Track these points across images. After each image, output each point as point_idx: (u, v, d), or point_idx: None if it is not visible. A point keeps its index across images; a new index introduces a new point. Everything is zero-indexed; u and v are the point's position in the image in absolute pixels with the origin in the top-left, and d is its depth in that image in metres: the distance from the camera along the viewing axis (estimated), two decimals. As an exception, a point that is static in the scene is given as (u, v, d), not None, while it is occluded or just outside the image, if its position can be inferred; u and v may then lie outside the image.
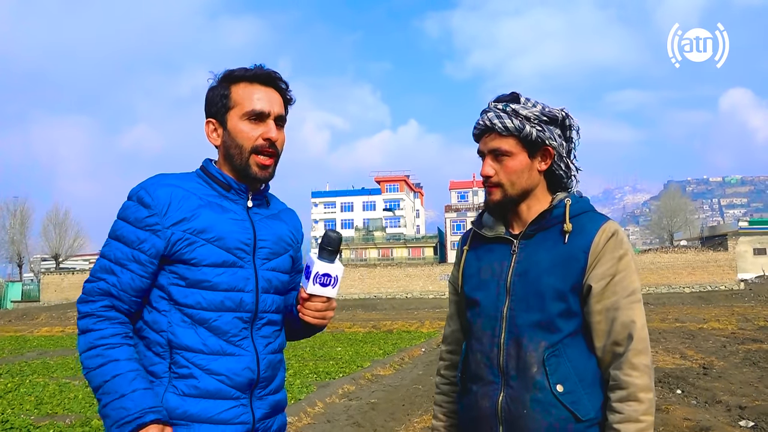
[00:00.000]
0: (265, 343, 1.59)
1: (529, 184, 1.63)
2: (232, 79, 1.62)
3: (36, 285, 49.94)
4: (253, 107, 1.59)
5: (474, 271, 1.70)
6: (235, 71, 1.62)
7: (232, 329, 1.53)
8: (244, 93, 1.60)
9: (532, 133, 1.58)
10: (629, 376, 1.49)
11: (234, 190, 1.62)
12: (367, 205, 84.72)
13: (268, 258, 1.62)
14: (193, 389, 1.48)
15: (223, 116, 1.61)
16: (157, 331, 1.51)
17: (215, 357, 1.51)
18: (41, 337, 19.08)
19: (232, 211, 1.60)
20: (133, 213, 1.52)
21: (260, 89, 1.61)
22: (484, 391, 1.61)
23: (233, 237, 1.56)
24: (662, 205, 66.44)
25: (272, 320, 1.62)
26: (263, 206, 1.69)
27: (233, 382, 1.51)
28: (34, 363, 11.96)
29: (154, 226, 1.50)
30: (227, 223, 1.56)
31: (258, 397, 1.57)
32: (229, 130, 1.60)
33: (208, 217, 1.54)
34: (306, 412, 6.56)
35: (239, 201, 1.63)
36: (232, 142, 1.60)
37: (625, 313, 1.53)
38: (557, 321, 1.55)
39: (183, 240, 1.51)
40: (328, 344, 14.04)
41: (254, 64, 1.63)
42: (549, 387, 1.52)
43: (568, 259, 1.56)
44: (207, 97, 1.64)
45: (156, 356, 1.51)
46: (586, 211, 1.63)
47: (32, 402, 7.44)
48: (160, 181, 1.57)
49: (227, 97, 1.60)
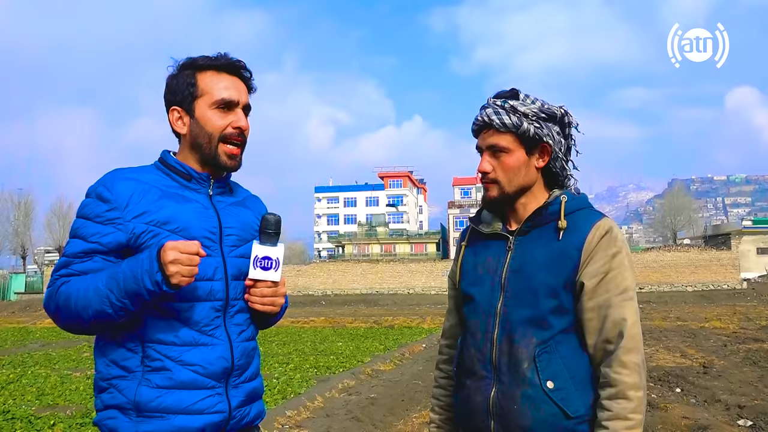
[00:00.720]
0: (238, 331, 1.59)
1: (526, 181, 1.64)
2: (197, 67, 1.61)
3: (39, 277, 50.10)
4: (222, 96, 1.59)
5: (471, 267, 1.71)
6: (199, 59, 1.61)
7: (203, 319, 1.53)
8: (212, 82, 1.60)
9: (529, 130, 1.58)
10: (619, 374, 1.50)
11: (195, 179, 1.61)
12: (371, 200, 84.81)
13: (236, 245, 1.61)
14: (167, 380, 1.48)
15: (190, 104, 1.60)
16: (128, 326, 1.50)
17: (188, 348, 1.50)
18: (44, 328, 19.15)
19: (194, 201, 1.59)
20: (92, 209, 1.52)
21: (227, 78, 1.62)
22: (477, 386, 1.62)
23: (198, 226, 1.55)
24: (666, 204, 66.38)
25: (244, 308, 1.62)
26: (226, 194, 1.68)
27: (207, 371, 1.51)
28: (36, 354, 12.03)
29: (115, 220, 1.50)
30: (190, 212, 1.56)
31: (233, 386, 1.57)
32: (197, 119, 1.60)
33: (171, 208, 1.54)
34: (305, 407, 6.59)
35: (201, 190, 1.62)
36: (200, 131, 1.60)
37: (616, 310, 1.53)
38: (549, 318, 1.55)
39: (147, 232, 1.50)
40: (329, 339, 14.07)
41: (217, 53, 1.62)
42: (539, 383, 1.52)
43: (561, 256, 1.57)
44: (170, 84, 1.63)
45: (128, 351, 1.50)
46: (581, 209, 1.63)
47: (34, 393, 7.49)
48: (118, 175, 1.56)
49: (194, 85, 1.60)
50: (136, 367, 1.49)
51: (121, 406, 1.48)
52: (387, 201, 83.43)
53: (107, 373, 1.52)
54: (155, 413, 1.47)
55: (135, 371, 1.49)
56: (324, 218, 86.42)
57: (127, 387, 1.49)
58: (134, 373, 1.49)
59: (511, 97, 1.62)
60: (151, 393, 1.47)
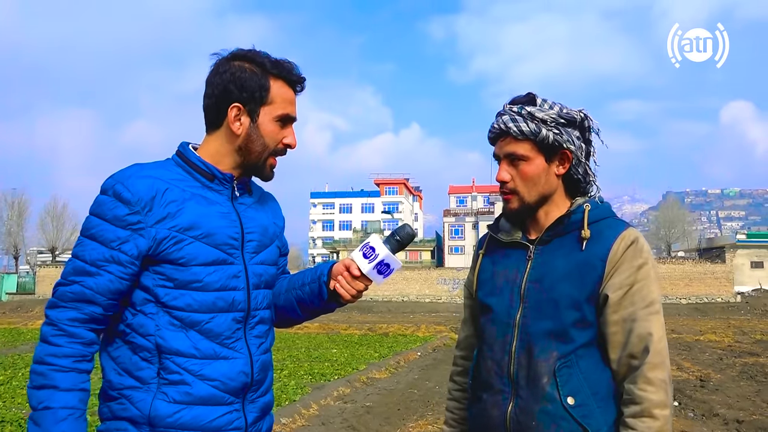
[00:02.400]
0: (258, 343, 1.53)
1: (546, 190, 1.58)
2: (272, 72, 1.52)
3: (32, 277, 49.80)
4: (287, 111, 1.53)
5: (488, 276, 1.65)
6: (272, 64, 1.52)
7: (225, 331, 1.45)
8: (283, 93, 1.53)
9: (548, 137, 1.53)
10: (644, 391, 1.44)
11: (218, 180, 1.51)
12: (366, 207, 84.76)
13: (256, 251, 1.54)
14: (185, 396, 1.40)
15: (255, 107, 1.50)
16: (144, 335, 1.41)
17: (208, 361, 1.42)
18: (35, 329, 18.97)
19: (217, 203, 1.50)
20: (110, 210, 1.40)
21: (291, 92, 1.55)
22: (493, 400, 1.56)
23: (222, 232, 1.47)
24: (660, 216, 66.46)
25: (263, 318, 1.55)
26: (245, 194, 1.59)
27: (227, 387, 1.44)
28: (27, 356, 11.89)
29: (137, 225, 1.39)
30: (214, 217, 1.47)
31: (250, 401, 1.50)
32: (258, 125, 1.51)
33: (195, 211, 1.44)
34: (300, 414, 6.51)
35: (223, 191, 1.53)
36: (257, 138, 1.51)
37: (642, 324, 1.47)
38: (571, 331, 1.50)
39: (169, 239, 1.40)
40: (323, 345, 13.98)
41: (285, 60, 1.54)
42: (559, 399, 1.46)
43: (584, 266, 1.51)
44: (239, 78, 1.49)
45: (143, 361, 1.41)
46: (605, 218, 1.57)
47: (24, 396, 7.35)
48: (138, 172, 1.44)
49: (267, 90, 1.51)
50: (151, 378, 1.40)
51: (134, 419, 1.39)
52: (383, 208, 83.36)
53: (118, 382, 1.42)
54: (171, 429, 1.39)
55: (150, 383, 1.40)
56: (319, 224, 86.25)
57: (141, 399, 1.40)
58: (149, 385, 1.40)
59: (528, 102, 1.56)
60: (167, 408, 1.39)
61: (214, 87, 1.51)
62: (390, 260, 1.51)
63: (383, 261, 1.50)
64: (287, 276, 1.72)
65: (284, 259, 1.72)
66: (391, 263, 1.51)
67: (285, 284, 1.66)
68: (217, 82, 1.50)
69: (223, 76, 1.50)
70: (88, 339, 1.40)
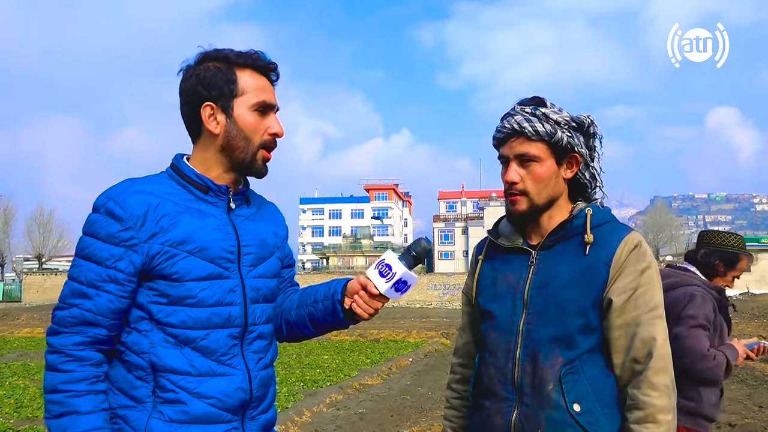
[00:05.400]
0: (256, 359, 1.47)
1: (554, 193, 1.57)
2: (235, 63, 1.46)
3: (18, 285, 49.24)
4: (262, 98, 1.47)
5: (489, 282, 1.64)
6: (235, 54, 1.47)
7: (221, 347, 1.40)
8: (253, 82, 1.47)
9: (563, 139, 1.52)
10: (648, 396, 1.43)
11: (212, 192, 1.47)
12: (356, 212, 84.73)
13: (254, 264, 1.49)
14: (181, 414, 1.36)
15: (228, 102, 1.45)
16: (138, 353, 1.37)
17: (204, 379, 1.38)
18: (22, 338, 18.75)
19: (211, 216, 1.45)
20: (103, 228, 1.36)
21: (263, 80, 1.50)
22: (497, 408, 1.54)
23: (216, 246, 1.42)
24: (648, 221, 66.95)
25: (262, 333, 1.50)
26: (243, 205, 1.54)
27: (225, 404, 1.39)
28: (14, 365, 11.72)
29: (130, 241, 1.35)
30: (209, 230, 1.42)
31: (250, 418, 1.45)
32: (235, 119, 1.45)
33: (188, 225, 1.40)
34: (293, 422, 6.46)
35: (219, 203, 1.48)
36: (238, 133, 1.45)
37: (646, 329, 1.46)
38: (576, 336, 1.48)
39: (162, 254, 1.37)
40: (314, 352, 13.90)
41: (250, 50, 1.49)
42: (565, 406, 1.45)
43: (589, 271, 1.50)
44: (203, 77, 1.45)
45: (138, 380, 1.37)
46: (607, 222, 1.57)
47: (12, 405, 7.27)
48: (130, 188, 1.40)
49: (234, 82, 1.45)
50: (146, 397, 1.36)
51: None
52: (372, 213, 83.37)
53: (113, 402, 1.38)
54: None
55: (145, 402, 1.36)
56: (309, 230, 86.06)
57: (136, 419, 1.36)
58: (144, 404, 1.36)
59: (538, 104, 1.55)
60: (163, 427, 1.35)
61: (185, 94, 1.48)
62: (407, 277, 1.47)
63: (401, 279, 1.46)
64: (298, 290, 1.68)
65: (290, 270, 1.68)
66: (409, 280, 1.47)
67: (296, 299, 1.62)
68: (186, 88, 1.47)
69: (189, 81, 1.47)
70: (97, 360, 1.37)
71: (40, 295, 45.33)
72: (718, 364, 2.48)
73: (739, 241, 2.74)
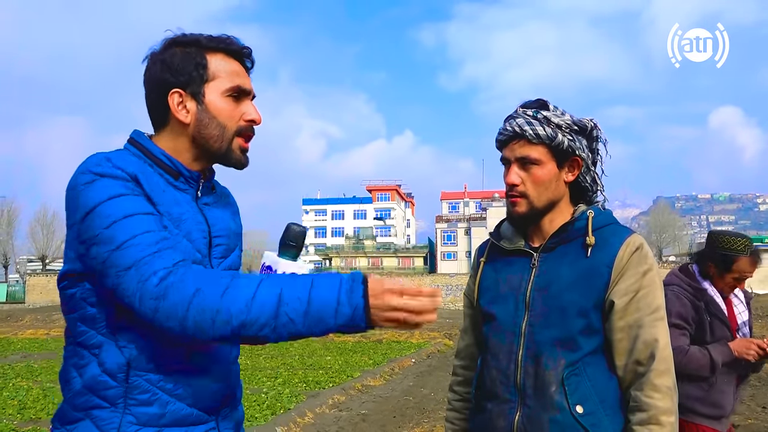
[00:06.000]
0: (228, 352, 1.37)
1: (555, 195, 1.57)
2: (205, 47, 1.35)
3: (21, 286, 49.42)
4: (237, 83, 1.36)
5: (491, 284, 1.64)
6: (206, 38, 1.36)
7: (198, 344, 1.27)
8: (225, 66, 1.36)
9: (563, 142, 1.52)
10: (650, 397, 1.43)
11: (183, 178, 1.34)
12: (358, 213, 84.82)
13: (224, 256, 1.38)
14: (156, 417, 1.24)
15: (198, 88, 1.33)
16: (112, 351, 1.24)
17: (182, 377, 1.27)
18: (25, 339, 18.78)
19: (183, 202, 1.32)
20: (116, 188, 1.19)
21: (236, 64, 1.38)
22: (499, 410, 1.55)
23: (197, 234, 1.31)
24: (651, 221, 66.84)
25: None
26: (209, 193, 1.42)
27: (204, 404, 1.30)
28: (17, 366, 11.75)
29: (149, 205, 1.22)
30: (190, 214, 1.31)
31: (223, 417, 1.37)
32: (206, 106, 1.33)
33: (176, 205, 1.28)
34: (296, 422, 6.46)
35: (189, 191, 1.35)
36: (210, 121, 1.33)
37: (648, 330, 1.47)
38: (578, 338, 1.49)
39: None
40: (317, 353, 13.92)
41: (223, 34, 1.38)
42: (568, 408, 1.45)
43: (590, 273, 1.50)
44: (169, 62, 1.33)
45: (111, 379, 1.23)
46: (609, 224, 1.57)
47: (15, 406, 7.29)
48: (120, 154, 1.27)
49: (204, 66, 1.34)
50: (118, 398, 1.23)
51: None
52: (375, 214, 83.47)
53: (83, 401, 1.25)
54: None
55: (117, 403, 1.23)
56: (311, 231, 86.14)
57: (108, 421, 1.23)
58: (117, 406, 1.23)
59: (540, 107, 1.56)
60: (139, 430, 1.23)
61: (150, 83, 1.36)
62: (294, 268, 1.34)
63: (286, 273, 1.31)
64: None
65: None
66: (298, 271, 1.32)
67: None
68: (151, 77, 1.35)
69: (154, 68, 1.35)
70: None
71: (43, 297, 45.44)
72: (691, 360, 2.55)
73: (737, 243, 2.70)
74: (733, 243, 2.72)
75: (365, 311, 1.11)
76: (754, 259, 2.69)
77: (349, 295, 1.11)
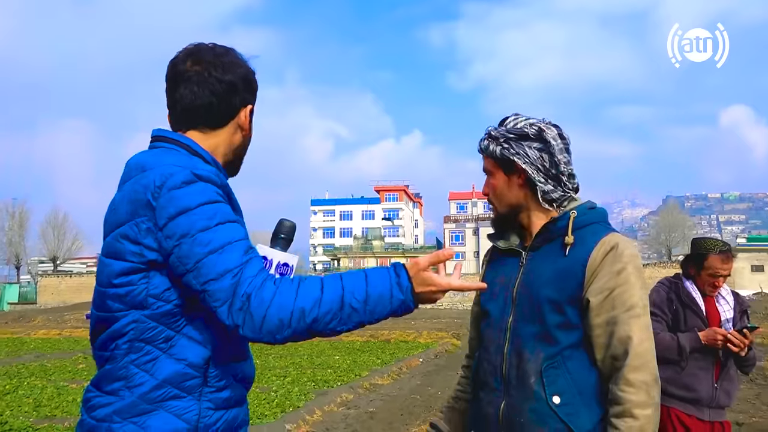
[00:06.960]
0: None
1: (513, 200, 1.69)
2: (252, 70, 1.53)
3: (33, 287, 49.83)
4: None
5: (489, 282, 1.74)
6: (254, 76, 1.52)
7: None
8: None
9: (495, 151, 1.67)
10: (624, 392, 1.50)
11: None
12: (366, 214, 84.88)
13: None
14: (226, 401, 1.38)
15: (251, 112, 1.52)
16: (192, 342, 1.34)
17: (242, 363, 1.44)
18: (38, 339, 19.00)
19: None
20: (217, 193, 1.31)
21: None
22: (488, 398, 1.67)
23: None
24: (661, 220, 66.50)
25: None
26: None
27: (250, 385, 1.50)
28: (31, 365, 11.94)
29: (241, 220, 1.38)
30: None
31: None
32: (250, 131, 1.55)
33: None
34: (305, 420, 6.58)
35: None
36: (246, 142, 1.54)
37: (622, 328, 1.53)
38: (555, 333, 1.58)
39: None
40: (325, 352, 14.02)
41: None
42: (545, 398, 1.55)
43: (566, 272, 1.59)
44: (252, 80, 1.49)
45: (194, 370, 1.33)
46: (591, 224, 1.64)
47: (31, 404, 7.44)
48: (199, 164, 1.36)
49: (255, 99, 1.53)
50: (197, 387, 1.34)
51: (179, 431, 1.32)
52: (383, 215, 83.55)
53: (161, 394, 1.31)
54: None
55: (195, 392, 1.33)
56: (320, 231, 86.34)
57: (186, 408, 1.32)
58: (194, 394, 1.33)
59: (500, 123, 1.72)
60: (214, 414, 1.36)
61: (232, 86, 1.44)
62: (287, 259, 1.49)
63: (280, 263, 1.48)
64: None
65: None
66: (289, 261, 1.49)
67: None
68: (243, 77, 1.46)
69: (247, 72, 1.47)
70: None
71: (55, 297, 45.84)
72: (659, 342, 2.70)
73: (709, 243, 3.05)
74: (705, 244, 3.05)
75: (413, 293, 1.31)
76: (725, 257, 2.96)
77: (398, 282, 1.30)
